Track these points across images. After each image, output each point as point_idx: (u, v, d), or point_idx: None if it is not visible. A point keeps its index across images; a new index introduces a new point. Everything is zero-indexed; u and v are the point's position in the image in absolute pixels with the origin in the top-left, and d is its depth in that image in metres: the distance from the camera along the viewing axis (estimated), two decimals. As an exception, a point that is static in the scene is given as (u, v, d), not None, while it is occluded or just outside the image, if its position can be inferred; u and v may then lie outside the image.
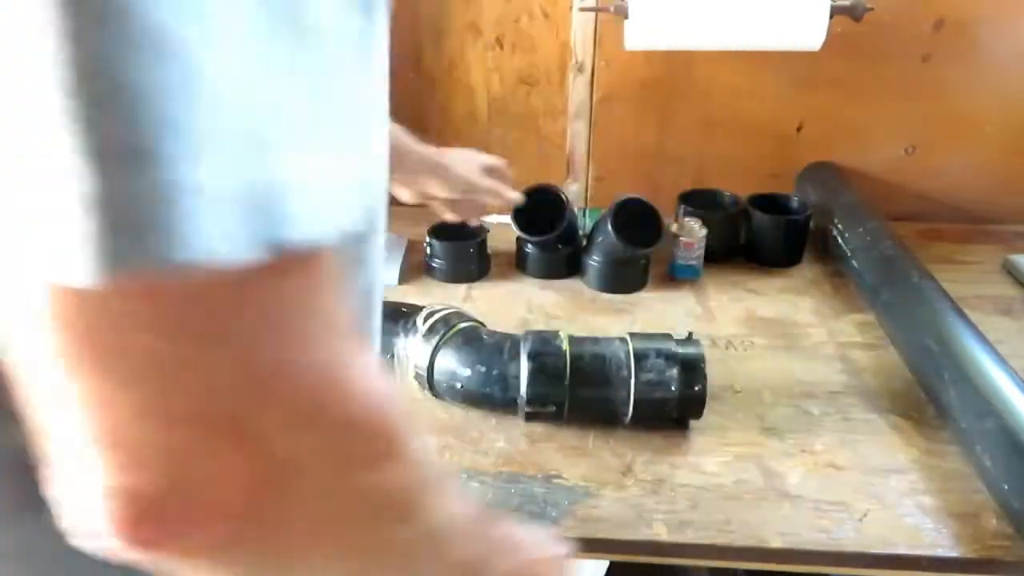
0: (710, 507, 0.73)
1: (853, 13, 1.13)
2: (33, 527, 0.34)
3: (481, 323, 0.89)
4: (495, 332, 0.86)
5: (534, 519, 0.71)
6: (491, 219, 1.23)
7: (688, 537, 0.70)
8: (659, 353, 0.79)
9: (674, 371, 0.78)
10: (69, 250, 0.22)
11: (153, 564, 0.27)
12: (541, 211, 1.11)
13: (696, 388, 0.79)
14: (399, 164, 0.82)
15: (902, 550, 0.68)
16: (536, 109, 1.39)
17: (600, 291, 1.11)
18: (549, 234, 1.10)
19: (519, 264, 1.17)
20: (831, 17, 1.10)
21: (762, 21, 1.10)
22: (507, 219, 1.11)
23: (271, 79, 0.24)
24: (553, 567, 0.46)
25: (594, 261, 1.11)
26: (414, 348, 0.84)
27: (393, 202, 1.41)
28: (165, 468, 0.25)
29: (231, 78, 0.22)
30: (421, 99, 1.41)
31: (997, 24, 1.22)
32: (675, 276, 1.14)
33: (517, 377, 0.79)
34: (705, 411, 0.80)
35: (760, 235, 1.17)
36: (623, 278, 1.11)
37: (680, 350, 0.80)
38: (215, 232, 0.23)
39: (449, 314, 0.86)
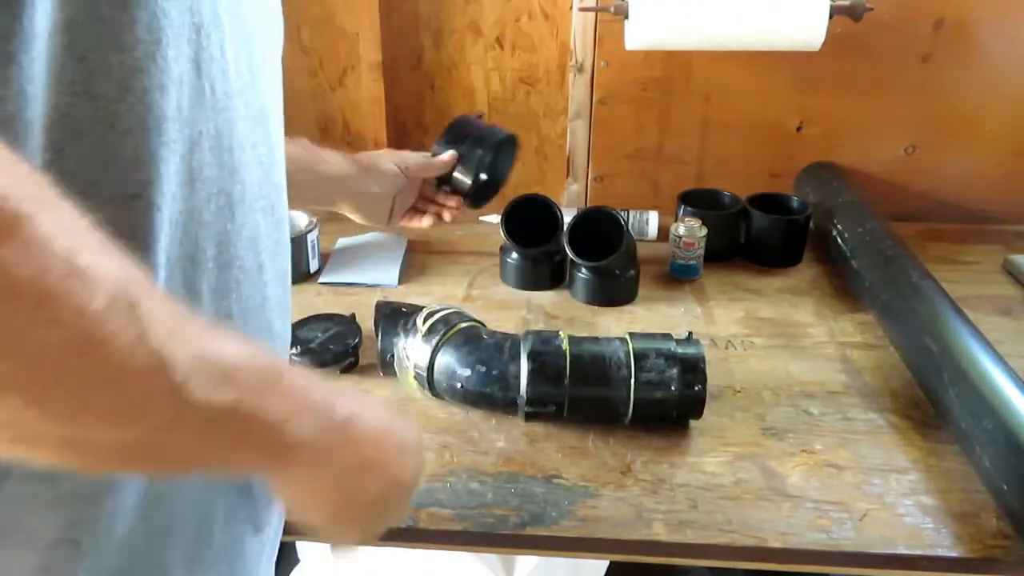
0: (710, 507, 0.73)
1: (853, 13, 1.13)
2: None
3: (481, 323, 0.88)
4: (495, 332, 0.86)
5: (534, 519, 0.71)
6: (489, 219, 1.23)
7: (688, 537, 0.70)
8: (659, 353, 0.79)
9: (674, 371, 0.78)
10: None
11: None
12: (532, 220, 1.08)
13: (696, 388, 0.79)
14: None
15: (902, 550, 0.68)
16: (536, 109, 1.39)
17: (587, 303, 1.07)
18: (540, 246, 1.07)
19: (503, 276, 1.13)
20: (831, 17, 1.10)
21: (762, 21, 1.10)
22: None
23: None
24: (400, 449, 0.37)
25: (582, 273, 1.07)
26: (414, 348, 0.84)
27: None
28: None
29: None
30: (421, 99, 1.41)
31: (997, 24, 1.22)
32: (675, 276, 1.14)
33: (517, 377, 0.79)
34: (705, 411, 0.80)
35: (760, 235, 1.17)
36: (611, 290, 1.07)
37: (680, 350, 0.80)
38: None
39: (449, 314, 0.86)
